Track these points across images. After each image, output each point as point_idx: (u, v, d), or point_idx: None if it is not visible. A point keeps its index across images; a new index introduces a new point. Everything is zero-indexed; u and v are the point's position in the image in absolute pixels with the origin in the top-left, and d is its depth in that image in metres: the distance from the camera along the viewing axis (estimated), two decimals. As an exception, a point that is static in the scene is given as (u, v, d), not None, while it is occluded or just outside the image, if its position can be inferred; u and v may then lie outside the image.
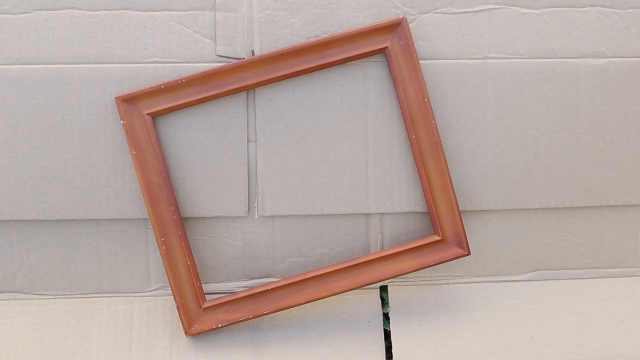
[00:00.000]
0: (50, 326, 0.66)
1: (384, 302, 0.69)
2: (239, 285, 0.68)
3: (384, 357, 0.65)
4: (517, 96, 0.67)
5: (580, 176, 0.69)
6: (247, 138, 0.66)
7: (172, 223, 0.64)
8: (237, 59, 0.65)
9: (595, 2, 0.68)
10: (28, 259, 0.67)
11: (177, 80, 0.63)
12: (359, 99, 0.66)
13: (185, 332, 0.65)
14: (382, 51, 0.65)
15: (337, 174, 0.67)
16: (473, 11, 0.67)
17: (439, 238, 0.66)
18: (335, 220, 0.68)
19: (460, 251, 0.66)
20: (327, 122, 0.66)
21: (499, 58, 0.67)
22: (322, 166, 0.67)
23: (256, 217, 0.67)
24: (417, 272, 0.68)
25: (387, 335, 0.67)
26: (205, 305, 0.65)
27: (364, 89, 0.66)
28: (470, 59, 0.67)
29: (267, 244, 0.68)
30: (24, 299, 0.68)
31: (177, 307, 0.65)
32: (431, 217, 0.67)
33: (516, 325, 0.67)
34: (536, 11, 0.67)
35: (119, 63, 0.65)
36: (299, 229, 0.68)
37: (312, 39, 0.65)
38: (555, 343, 0.66)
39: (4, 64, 0.64)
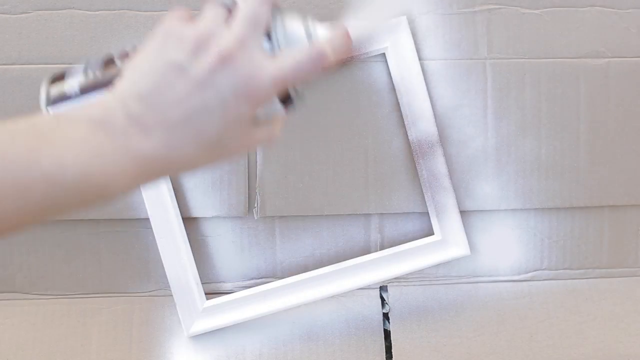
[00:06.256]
0: (50, 326, 0.66)
1: (384, 302, 0.69)
2: (239, 285, 0.68)
3: (384, 357, 0.65)
4: (517, 96, 0.67)
5: (580, 176, 0.69)
6: (247, 138, 0.66)
7: (172, 223, 0.64)
8: (237, 59, 0.65)
9: (595, 2, 0.68)
10: (28, 259, 0.67)
11: (177, 80, 0.63)
12: (359, 99, 0.66)
13: (185, 332, 0.65)
14: (382, 51, 0.65)
15: (337, 174, 0.67)
16: (473, 11, 0.67)
17: (439, 238, 0.66)
18: (335, 220, 0.68)
19: (460, 251, 0.66)
20: (327, 122, 0.66)
21: (499, 58, 0.67)
22: (322, 166, 0.67)
23: (256, 217, 0.67)
24: (417, 272, 0.68)
25: (387, 335, 0.67)
26: (205, 305, 0.65)
27: (364, 89, 0.66)
28: (470, 59, 0.67)
29: (267, 244, 0.68)
30: (24, 299, 0.68)
31: (177, 307, 0.65)
32: (431, 217, 0.67)
33: (516, 325, 0.67)
34: (536, 11, 0.67)
35: (119, 63, 0.65)
36: (299, 229, 0.68)
37: (312, 39, 0.65)
38: (555, 343, 0.66)
39: (4, 64, 0.64)
